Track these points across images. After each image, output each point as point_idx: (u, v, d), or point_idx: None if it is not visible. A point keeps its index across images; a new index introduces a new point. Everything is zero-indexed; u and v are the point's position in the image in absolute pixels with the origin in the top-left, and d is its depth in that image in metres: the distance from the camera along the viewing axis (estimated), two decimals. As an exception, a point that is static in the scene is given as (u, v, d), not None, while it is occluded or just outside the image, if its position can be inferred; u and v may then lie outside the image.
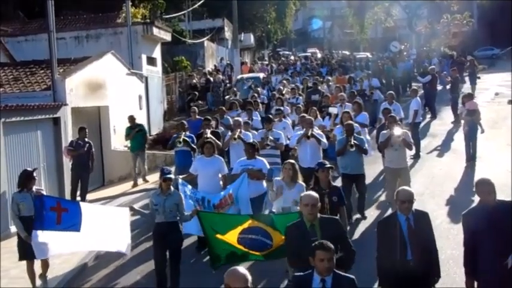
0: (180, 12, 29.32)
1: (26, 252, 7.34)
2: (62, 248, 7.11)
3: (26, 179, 7.70)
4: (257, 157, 8.81)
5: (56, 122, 12.81)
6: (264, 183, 8.86)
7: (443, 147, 15.52)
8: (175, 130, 15.04)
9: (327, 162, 7.14)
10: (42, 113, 12.25)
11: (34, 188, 7.69)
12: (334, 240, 5.13)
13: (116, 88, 16.36)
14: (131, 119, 14.37)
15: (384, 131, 9.96)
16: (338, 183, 10.01)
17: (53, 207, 6.89)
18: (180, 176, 8.70)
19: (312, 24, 63.02)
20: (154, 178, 15.07)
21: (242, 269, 3.86)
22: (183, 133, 11.31)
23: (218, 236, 6.45)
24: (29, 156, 11.75)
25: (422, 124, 17.16)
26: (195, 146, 11.10)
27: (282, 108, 14.10)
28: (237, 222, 6.52)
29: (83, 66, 14.66)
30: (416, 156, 13.96)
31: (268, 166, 8.84)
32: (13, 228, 10.47)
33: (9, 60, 16.88)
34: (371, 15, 41.64)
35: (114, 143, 16.07)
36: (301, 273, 4.56)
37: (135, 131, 14.14)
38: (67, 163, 12.78)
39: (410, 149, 10.11)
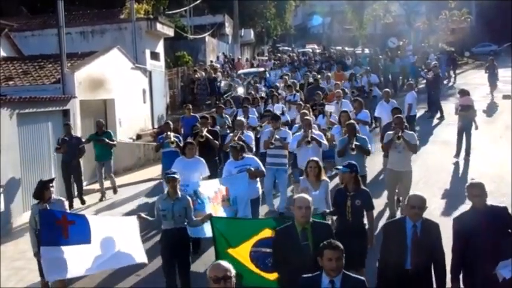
0: (182, 8, 29.70)
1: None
2: (75, 271, 6.46)
3: (40, 189, 7.27)
4: (246, 156, 8.46)
5: (66, 114, 13.28)
6: (259, 184, 8.64)
7: (440, 140, 15.97)
8: (159, 130, 14.68)
9: (353, 163, 6.74)
10: (53, 105, 12.75)
11: (53, 197, 7.29)
12: None
13: (121, 82, 16.86)
14: (99, 124, 12.97)
15: (390, 132, 9.49)
16: (336, 181, 10.20)
17: (59, 221, 6.42)
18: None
19: (313, 20, 63.26)
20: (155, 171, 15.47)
21: (224, 262, 4.01)
22: (172, 134, 10.99)
23: (229, 251, 6.14)
24: (41, 147, 12.22)
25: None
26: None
27: (271, 109, 13.88)
28: (253, 231, 6.13)
29: (91, 60, 15.15)
30: None
31: (260, 163, 8.55)
32: (23, 219, 10.95)
33: (17, 54, 17.29)
34: (370, 12, 42.03)
35: (120, 135, 16.55)
36: (310, 275, 4.43)
37: (104, 142, 12.66)
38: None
39: (414, 151, 9.51)
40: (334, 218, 6.96)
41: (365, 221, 6.66)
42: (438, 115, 19.35)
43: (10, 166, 10.86)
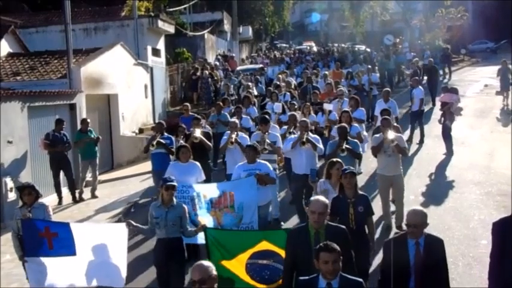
0: (182, 6, 30.13)
1: None
2: (58, 283, 6.25)
3: (21, 193, 6.90)
4: (259, 160, 7.95)
5: (72, 107, 13.79)
6: (269, 191, 8.20)
7: (433, 135, 16.47)
8: (152, 131, 14.30)
9: (350, 167, 6.42)
10: (60, 99, 13.26)
11: (37, 201, 6.90)
12: None
13: (124, 77, 17.38)
14: (84, 122, 12.68)
15: (377, 135, 9.18)
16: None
17: (41, 233, 6.17)
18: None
19: (311, 17, 63.75)
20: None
21: (206, 262, 4.06)
22: (159, 135, 10.47)
23: (224, 262, 5.85)
24: (49, 139, 12.67)
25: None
26: (172, 148, 10.08)
27: (270, 108, 13.37)
28: (249, 243, 5.85)
29: (95, 56, 15.63)
30: (421, 142, 15.06)
31: (272, 169, 8.09)
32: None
33: (23, 50, 17.74)
34: (367, 9, 42.52)
35: (123, 129, 17.08)
36: (306, 277, 4.30)
37: (88, 140, 12.45)
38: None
39: (404, 154, 9.15)
40: None
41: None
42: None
43: (21, 157, 11.40)
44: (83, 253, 6.19)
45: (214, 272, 3.94)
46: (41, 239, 6.14)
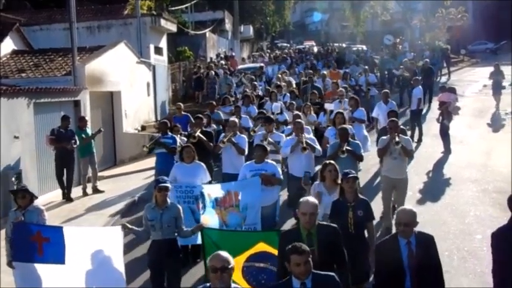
0: (184, 5, 30.38)
1: None
2: (47, 284, 6.12)
3: (15, 196, 6.73)
4: (267, 161, 7.86)
5: (77, 104, 13.98)
6: (276, 191, 8.06)
7: (431, 134, 16.68)
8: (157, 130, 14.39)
9: (352, 172, 6.26)
10: (65, 96, 13.47)
11: (32, 204, 6.68)
12: (331, 249, 4.95)
13: (127, 75, 17.60)
14: (82, 120, 12.71)
15: (384, 137, 8.96)
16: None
17: (33, 237, 6.04)
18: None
19: (313, 16, 63.97)
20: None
21: (225, 253, 4.13)
22: (159, 136, 10.41)
23: None
24: (54, 135, 12.87)
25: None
26: (174, 147, 10.00)
27: (269, 108, 13.39)
28: (247, 244, 5.79)
29: (99, 54, 15.84)
30: (419, 140, 15.25)
31: (280, 170, 8.02)
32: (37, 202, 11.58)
33: (27, 47, 17.95)
34: (367, 9, 42.74)
35: (126, 126, 17.30)
36: (279, 282, 4.37)
37: (95, 135, 12.76)
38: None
39: (410, 157, 9.09)
40: None
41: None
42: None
43: (28, 152, 11.64)
44: (75, 260, 6.02)
45: (233, 263, 4.08)
46: (32, 243, 6.03)
